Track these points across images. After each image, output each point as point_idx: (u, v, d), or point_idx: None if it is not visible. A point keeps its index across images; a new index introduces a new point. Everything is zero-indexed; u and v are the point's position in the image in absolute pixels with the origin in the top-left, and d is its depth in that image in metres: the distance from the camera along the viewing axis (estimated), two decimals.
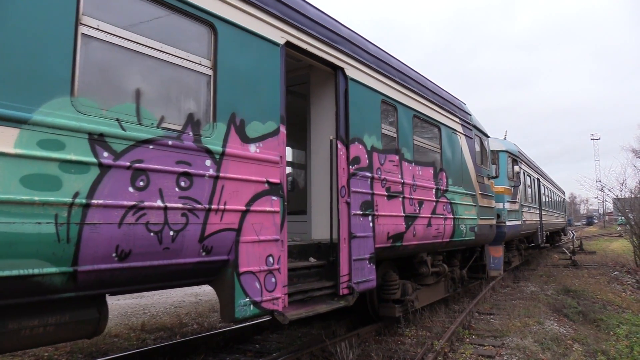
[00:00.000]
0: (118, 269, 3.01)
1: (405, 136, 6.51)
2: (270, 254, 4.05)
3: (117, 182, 2.99)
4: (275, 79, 4.30)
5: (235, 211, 3.76)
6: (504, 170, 12.91)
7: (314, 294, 4.73)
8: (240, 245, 3.78)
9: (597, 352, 6.97)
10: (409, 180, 6.45)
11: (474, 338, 7.23)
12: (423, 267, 7.38)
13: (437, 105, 7.63)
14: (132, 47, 3.20)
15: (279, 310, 4.07)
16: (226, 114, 3.78)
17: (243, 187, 3.86)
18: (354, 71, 5.46)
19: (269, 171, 4.11)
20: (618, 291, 13.14)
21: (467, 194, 8.58)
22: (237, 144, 3.86)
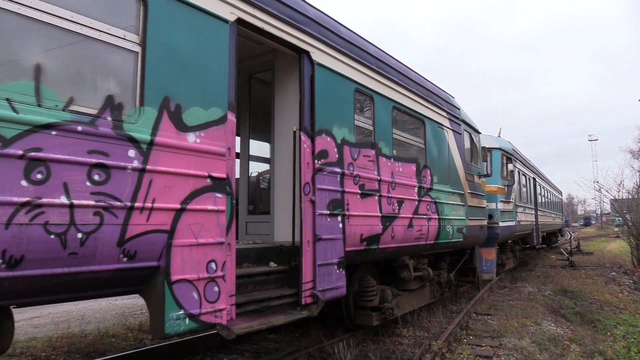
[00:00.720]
0: (6, 278, 2.50)
1: (383, 129, 6.00)
2: (212, 259, 3.53)
3: (4, 174, 2.47)
4: (223, 60, 3.79)
5: (167, 210, 3.25)
6: (497, 168, 12.41)
7: (271, 304, 4.22)
8: (174, 250, 3.26)
9: (595, 352, 6.97)
10: (387, 177, 5.94)
11: (471, 338, 7.22)
12: (404, 271, 6.87)
13: (421, 97, 7.12)
14: (30, 14, 2.69)
15: (222, 324, 3.55)
16: (157, 97, 3.26)
17: (178, 182, 3.34)
18: (322, 56, 4.95)
19: (212, 164, 3.59)
20: (615, 292, 13.22)
21: (454, 192, 8.07)
22: (172, 132, 3.34)
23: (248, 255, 4.54)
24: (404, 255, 6.80)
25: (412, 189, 6.59)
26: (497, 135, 14.43)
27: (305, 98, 4.71)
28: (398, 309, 6.82)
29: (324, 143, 4.85)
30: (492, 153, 12.52)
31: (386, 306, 6.31)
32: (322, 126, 4.85)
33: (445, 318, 8.27)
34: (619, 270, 17.22)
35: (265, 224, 5.27)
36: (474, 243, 9.60)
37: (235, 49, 3.94)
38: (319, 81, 4.86)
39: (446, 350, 6.44)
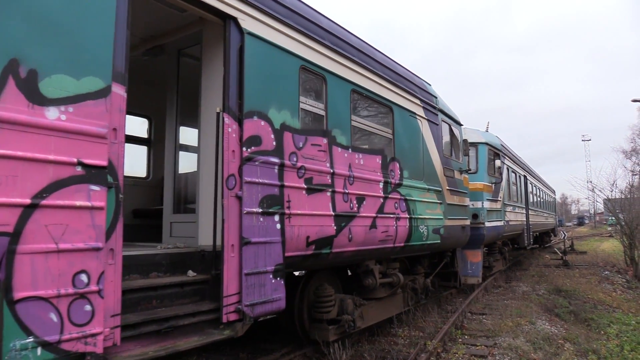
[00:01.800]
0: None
1: (338, 115, 5.25)
2: (82, 269, 2.76)
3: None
4: (107, 17, 3.02)
5: (9, 206, 2.48)
6: (484, 164, 11.69)
7: (180, 323, 3.45)
8: (18, 258, 2.49)
9: (588, 351, 7.00)
10: (342, 170, 5.19)
11: (466, 338, 7.26)
12: (369, 278, 6.12)
13: (389, 81, 6.37)
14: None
15: (96, 352, 2.79)
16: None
17: (29, 170, 2.57)
18: (255, 24, 4.19)
19: (85, 148, 2.82)
20: (609, 291, 13.41)
21: (429, 189, 7.34)
22: (21, 104, 2.57)
23: (158, 262, 3.77)
24: (368, 259, 6.06)
25: (376, 184, 5.84)
26: (485, 130, 13.71)
27: (232, 73, 3.94)
28: (362, 320, 6.07)
29: (256, 128, 4.09)
30: (478, 148, 11.81)
31: (344, 318, 5.55)
32: (253, 107, 4.09)
33: (441, 318, 8.31)
34: (612, 269, 17.41)
35: (190, 224, 4.51)
36: (454, 245, 8.87)
37: (128, 5, 3.17)
38: (251, 54, 4.10)
39: (441, 350, 6.46)
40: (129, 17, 3.19)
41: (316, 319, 5.54)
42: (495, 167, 12.21)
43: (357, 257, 5.64)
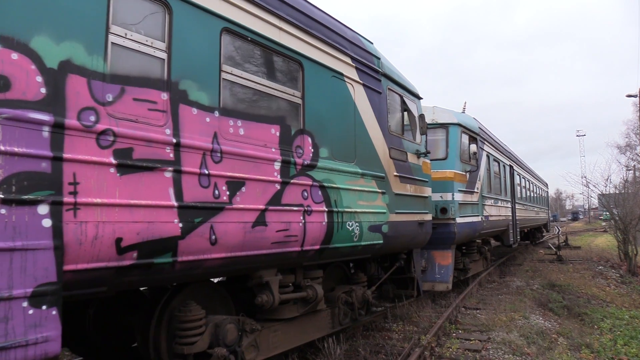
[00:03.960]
0: None
1: (194, 61, 3.68)
2: None
3: None
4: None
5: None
6: (455, 149, 10.15)
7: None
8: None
9: (582, 345, 7.16)
10: (199, 142, 3.62)
11: (460, 332, 7.36)
12: (263, 293, 4.56)
13: (295, 26, 4.79)
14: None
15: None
16: None
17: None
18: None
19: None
20: (602, 285, 13.62)
21: (365, 174, 5.79)
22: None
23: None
24: (262, 269, 4.50)
25: (268, 164, 4.28)
26: (462, 112, 12.18)
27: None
28: (257, 351, 4.53)
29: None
30: (449, 130, 10.27)
31: (217, 353, 4.00)
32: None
33: (435, 312, 8.40)
34: (606, 264, 17.76)
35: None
36: (408, 245, 7.34)
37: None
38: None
39: (435, 345, 6.53)
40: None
41: (176, 354, 3.98)
42: (470, 153, 10.67)
43: (236, 266, 4.08)
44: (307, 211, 4.69)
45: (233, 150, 3.91)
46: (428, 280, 9.81)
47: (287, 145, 4.56)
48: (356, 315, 6.31)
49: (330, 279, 6.40)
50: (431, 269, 9.86)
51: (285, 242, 4.41)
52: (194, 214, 3.52)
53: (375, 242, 6.01)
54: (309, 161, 4.79)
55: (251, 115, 4.21)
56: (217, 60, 3.88)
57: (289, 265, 4.91)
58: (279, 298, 4.59)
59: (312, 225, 4.75)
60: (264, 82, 4.39)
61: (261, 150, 4.22)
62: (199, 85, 3.69)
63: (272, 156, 4.32)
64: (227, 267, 4.01)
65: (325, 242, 5.00)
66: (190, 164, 3.54)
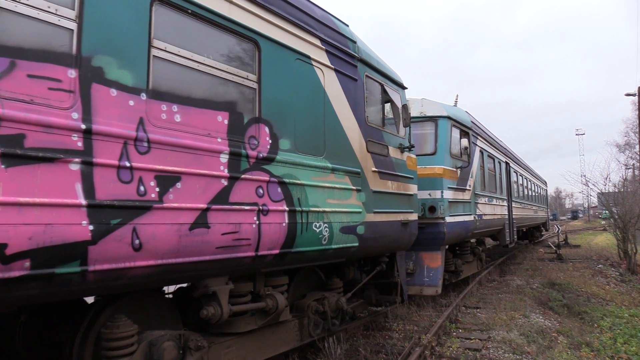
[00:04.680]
0: None
1: (114, 34, 3.11)
2: None
3: None
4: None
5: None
6: (444, 144, 9.60)
7: None
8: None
9: (582, 344, 7.26)
10: (117, 128, 3.06)
11: (460, 332, 7.45)
12: (210, 305, 4.01)
13: (248, 0, 4.24)
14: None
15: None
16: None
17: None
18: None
19: None
20: (602, 284, 13.70)
21: (336, 169, 5.24)
22: None
23: None
24: (207, 277, 3.94)
25: (212, 156, 3.72)
26: (453, 105, 11.63)
27: None
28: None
29: None
30: (438, 123, 9.72)
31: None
32: None
33: (435, 311, 8.41)
34: (606, 263, 17.86)
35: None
36: (389, 247, 6.80)
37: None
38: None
39: (435, 344, 6.59)
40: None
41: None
42: (461, 148, 10.12)
43: (172, 275, 3.52)
44: (263, 211, 4.14)
45: (165, 139, 3.36)
46: (416, 284, 9.27)
47: (238, 135, 4.01)
48: (329, 325, 5.76)
49: (301, 285, 5.87)
50: (419, 271, 9.33)
51: (234, 246, 3.86)
52: (110, 214, 2.97)
53: (349, 245, 5.46)
54: (265, 154, 4.24)
55: (191, 99, 3.65)
56: (147, 34, 3.32)
57: (244, 273, 4.36)
58: (228, 310, 4.03)
59: (269, 226, 4.20)
60: (209, 63, 3.83)
61: (203, 141, 3.66)
62: (121, 62, 3.13)
63: (218, 147, 3.77)
64: (161, 277, 3.45)
65: (286, 246, 4.45)
66: (106, 154, 2.98)
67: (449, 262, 10.35)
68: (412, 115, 9.84)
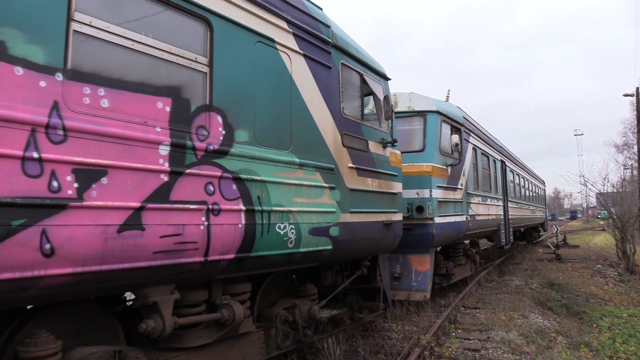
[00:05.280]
0: None
1: (19, 3, 2.69)
2: None
3: None
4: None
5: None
6: (433, 140, 9.18)
7: None
8: None
9: (581, 344, 7.30)
10: (22, 113, 2.62)
11: (459, 332, 7.50)
12: (151, 317, 3.57)
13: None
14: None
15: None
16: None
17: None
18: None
19: None
20: (601, 284, 13.71)
21: (304, 165, 4.80)
22: None
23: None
24: (146, 286, 3.50)
25: (149, 148, 3.29)
26: (445, 100, 11.22)
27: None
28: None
29: None
30: (427, 118, 9.30)
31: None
32: None
33: (434, 312, 8.46)
34: (605, 263, 17.87)
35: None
36: (369, 250, 6.37)
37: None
38: None
39: (435, 344, 6.63)
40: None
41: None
42: (452, 145, 9.70)
43: (98, 284, 3.08)
44: (213, 210, 3.70)
45: (87, 127, 2.92)
46: (403, 289, 8.85)
47: (183, 124, 3.57)
48: (301, 335, 5.33)
49: (271, 292, 5.44)
50: (407, 275, 8.91)
51: (177, 250, 3.43)
52: (10, 214, 2.53)
53: (322, 249, 5.03)
54: (217, 146, 3.80)
55: (124, 82, 3.22)
56: (65, 5, 2.89)
57: (193, 281, 3.92)
58: (172, 323, 3.59)
59: (222, 228, 3.76)
60: (147, 42, 3.40)
61: (138, 130, 3.22)
62: (29, 36, 2.70)
63: (156, 138, 3.33)
64: (85, 286, 3.02)
65: (244, 250, 4.02)
66: (6, 143, 2.55)
67: (439, 265, 9.94)
68: (400, 110, 9.44)
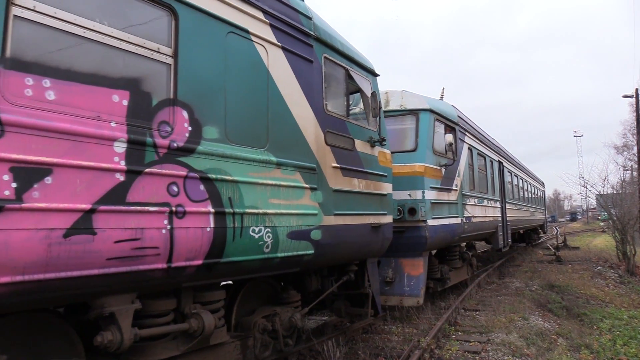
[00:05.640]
0: None
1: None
2: None
3: None
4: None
5: None
6: (426, 139, 8.93)
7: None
8: None
9: (581, 346, 7.33)
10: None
11: (459, 334, 7.54)
12: (108, 330, 3.31)
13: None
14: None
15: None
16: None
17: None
18: None
19: None
20: (601, 286, 13.76)
21: (282, 164, 4.55)
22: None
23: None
24: (102, 295, 3.25)
25: (102, 145, 3.03)
26: (439, 99, 10.98)
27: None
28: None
29: None
30: (419, 117, 9.05)
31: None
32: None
33: (434, 314, 8.54)
34: (605, 265, 17.85)
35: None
36: (356, 254, 6.12)
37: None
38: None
39: (435, 347, 6.70)
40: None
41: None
42: (446, 145, 9.45)
43: (41, 294, 2.82)
44: (177, 212, 3.45)
45: (28, 121, 2.67)
46: (396, 294, 8.59)
47: (143, 119, 3.32)
48: (281, 345, 5.06)
49: (251, 299, 5.19)
50: (399, 280, 8.65)
51: (135, 257, 3.17)
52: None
53: (302, 253, 4.78)
54: (182, 143, 3.55)
55: (74, 73, 2.96)
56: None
57: (157, 289, 3.66)
58: (131, 335, 3.33)
59: (187, 232, 3.51)
60: (102, 29, 3.14)
61: (89, 125, 2.97)
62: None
63: (110, 134, 3.08)
64: (27, 296, 2.76)
65: (213, 255, 3.76)
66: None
67: (434, 269, 9.68)
68: (392, 108, 9.21)
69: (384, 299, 8.42)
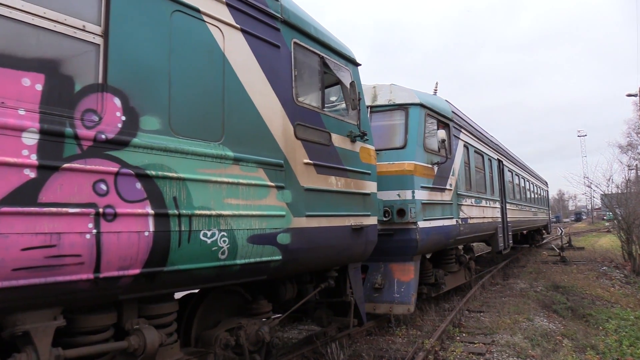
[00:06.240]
0: None
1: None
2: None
3: None
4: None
5: None
6: (416, 135, 8.49)
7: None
8: None
9: (587, 347, 7.33)
10: None
11: (464, 336, 7.60)
12: (24, 351, 2.88)
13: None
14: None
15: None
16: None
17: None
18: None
19: None
20: (607, 286, 13.70)
21: (241, 159, 4.13)
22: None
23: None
24: (14, 311, 2.82)
25: (6, 136, 2.62)
26: (433, 94, 10.56)
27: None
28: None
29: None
30: (409, 112, 8.62)
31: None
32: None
33: (438, 316, 8.61)
34: (610, 265, 17.82)
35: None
36: (334, 260, 5.68)
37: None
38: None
39: (439, 348, 6.76)
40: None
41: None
42: (438, 141, 9.02)
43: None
44: (106, 215, 3.02)
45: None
46: (385, 301, 8.14)
47: (62, 107, 2.90)
48: (257, 355, 4.63)
49: (215, 310, 4.77)
50: (389, 286, 8.21)
51: (50, 266, 2.75)
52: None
53: (268, 259, 4.35)
54: (112, 135, 3.13)
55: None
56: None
57: (86, 302, 3.23)
58: (51, 357, 2.90)
59: (118, 237, 3.08)
60: (7, 2, 2.73)
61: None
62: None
63: (17, 123, 2.66)
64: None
65: (154, 263, 3.34)
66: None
67: (427, 274, 9.24)
68: (380, 103, 8.79)
69: (373, 307, 7.99)
